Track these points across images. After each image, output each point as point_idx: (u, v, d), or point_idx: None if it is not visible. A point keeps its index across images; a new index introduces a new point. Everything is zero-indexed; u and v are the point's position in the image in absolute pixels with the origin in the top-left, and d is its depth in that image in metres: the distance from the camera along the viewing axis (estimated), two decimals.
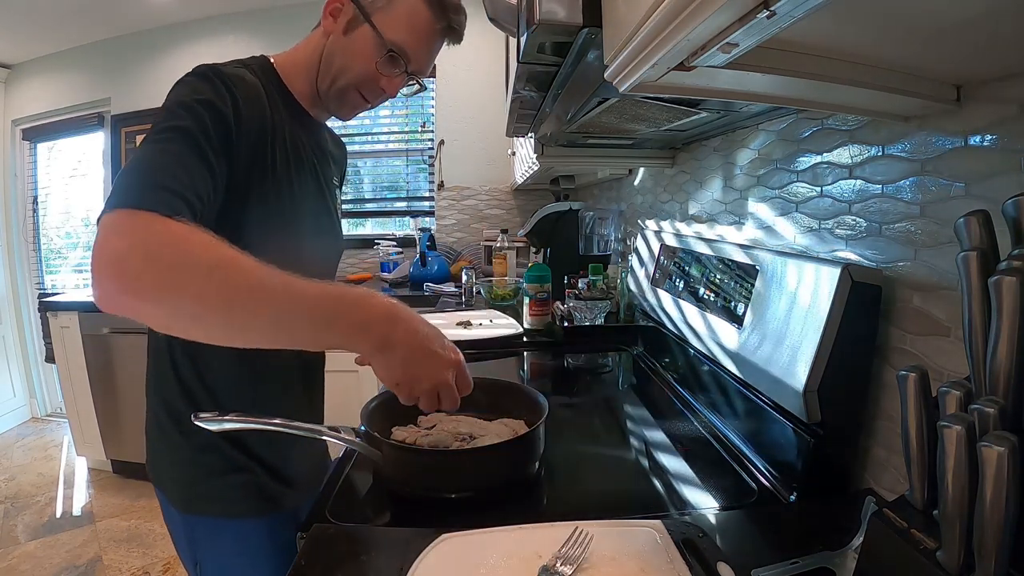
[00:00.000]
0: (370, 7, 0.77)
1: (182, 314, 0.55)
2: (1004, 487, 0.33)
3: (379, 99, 0.84)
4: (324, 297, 0.58)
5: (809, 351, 0.67)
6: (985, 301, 0.37)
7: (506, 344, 1.53)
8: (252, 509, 0.81)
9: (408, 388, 0.63)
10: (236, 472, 0.80)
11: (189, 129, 0.63)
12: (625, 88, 0.54)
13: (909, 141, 0.66)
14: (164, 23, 3.19)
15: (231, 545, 0.81)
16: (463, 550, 0.56)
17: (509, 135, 1.56)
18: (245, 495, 0.80)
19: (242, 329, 0.57)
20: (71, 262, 3.76)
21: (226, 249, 0.56)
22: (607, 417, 1.12)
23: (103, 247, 0.53)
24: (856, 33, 0.46)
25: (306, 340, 0.62)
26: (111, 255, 0.53)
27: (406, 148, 3.25)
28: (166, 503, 0.82)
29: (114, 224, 0.55)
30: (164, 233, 0.55)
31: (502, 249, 2.40)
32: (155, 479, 0.84)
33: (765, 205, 1.00)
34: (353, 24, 0.78)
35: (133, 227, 0.55)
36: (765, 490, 0.74)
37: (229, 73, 0.71)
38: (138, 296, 0.53)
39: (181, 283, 0.53)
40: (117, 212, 0.55)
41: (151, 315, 0.56)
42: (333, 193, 0.93)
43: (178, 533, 0.83)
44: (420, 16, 0.78)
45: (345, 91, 0.81)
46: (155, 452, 0.83)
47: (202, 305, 0.55)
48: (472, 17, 0.85)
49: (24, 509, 2.50)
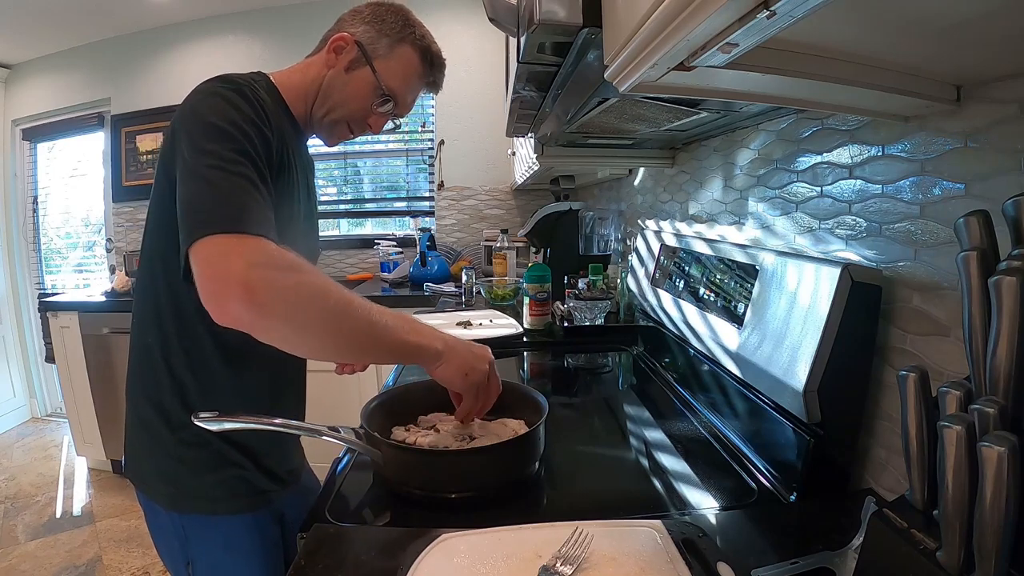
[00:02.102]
0: (373, 52, 0.84)
1: (297, 341, 0.65)
2: (1004, 487, 0.33)
3: (363, 133, 0.92)
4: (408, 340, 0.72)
5: (809, 351, 0.67)
6: (985, 301, 0.37)
7: (506, 344, 1.53)
8: (243, 505, 0.81)
9: (463, 382, 0.76)
10: (226, 467, 0.80)
11: (249, 153, 0.67)
12: (625, 88, 0.54)
13: (909, 141, 0.66)
14: (164, 23, 3.19)
15: (222, 542, 0.81)
16: (463, 550, 0.56)
17: (509, 135, 1.56)
18: (235, 491, 0.80)
19: (343, 357, 0.75)
20: (71, 262, 3.76)
21: (340, 290, 0.66)
22: (607, 417, 1.12)
23: (226, 270, 0.59)
24: (856, 33, 0.46)
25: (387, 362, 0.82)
26: (238, 278, 0.58)
27: (406, 148, 3.25)
28: (152, 507, 0.82)
29: (228, 246, 0.60)
30: (281, 260, 0.62)
31: (502, 249, 2.40)
32: (140, 483, 0.83)
33: (765, 205, 1.00)
34: (355, 65, 0.84)
35: (251, 249, 0.60)
36: (765, 490, 0.74)
37: (257, 90, 0.74)
38: (264, 319, 0.61)
39: (307, 322, 0.63)
40: (225, 236, 0.60)
41: (267, 336, 0.63)
42: (316, 198, 0.99)
43: (166, 536, 0.82)
44: (414, 68, 0.87)
45: (336, 123, 0.88)
46: (140, 453, 0.82)
47: (323, 341, 0.66)
48: (472, 17, 0.86)
49: (24, 509, 2.50)
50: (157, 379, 0.79)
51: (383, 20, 0.85)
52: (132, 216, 3.36)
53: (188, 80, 3.02)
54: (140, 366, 0.81)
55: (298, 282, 0.62)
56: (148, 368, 0.79)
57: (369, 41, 0.84)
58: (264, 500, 0.83)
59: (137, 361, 0.82)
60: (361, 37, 0.84)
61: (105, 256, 3.47)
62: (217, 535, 0.81)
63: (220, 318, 0.60)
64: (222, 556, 0.81)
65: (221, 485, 0.80)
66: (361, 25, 0.85)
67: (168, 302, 0.77)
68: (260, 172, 0.68)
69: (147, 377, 0.80)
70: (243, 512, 0.81)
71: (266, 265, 0.60)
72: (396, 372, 1.30)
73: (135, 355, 0.82)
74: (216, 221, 0.61)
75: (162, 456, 0.79)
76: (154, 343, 0.78)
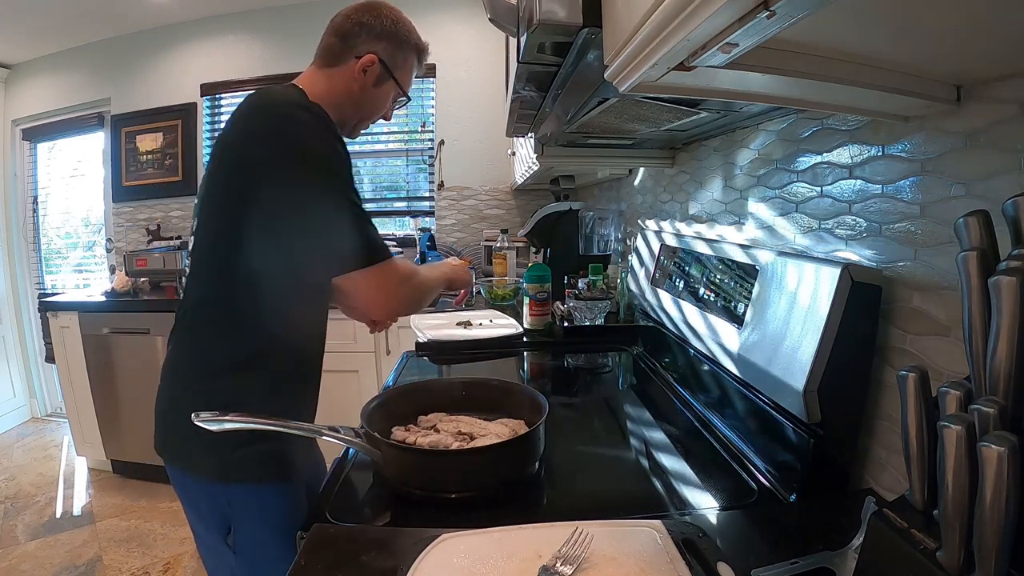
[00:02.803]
0: (392, 66, 0.97)
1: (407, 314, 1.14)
2: (1004, 487, 0.33)
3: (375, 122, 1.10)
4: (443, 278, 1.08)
5: (809, 351, 0.67)
6: (985, 301, 0.37)
7: (506, 344, 1.54)
8: (279, 474, 0.87)
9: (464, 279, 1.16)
10: (261, 441, 0.83)
11: (352, 181, 0.85)
12: (625, 88, 0.54)
13: (909, 141, 0.66)
14: (164, 23, 3.19)
15: (260, 506, 0.86)
16: (463, 550, 0.56)
17: (509, 135, 1.56)
18: (271, 461, 0.85)
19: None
20: (71, 262, 3.76)
21: (423, 276, 0.99)
22: (607, 417, 1.12)
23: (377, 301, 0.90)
24: (856, 33, 0.46)
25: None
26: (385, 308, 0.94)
27: (406, 148, 3.25)
28: (192, 481, 0.86)
29: (375, 281, 0.87)
30: (402, 274, 0.92)
31: (502, 249, 2.40)
32: (181, 460, 0.87)
33: (765, 205, 1.00)
34: (381, 80, 0.96)
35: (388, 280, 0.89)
36: (765, 490, 0.74)
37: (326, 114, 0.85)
38: (397, 318, 1.04)
39: (415, 308, 1.02)
40: (385, 265, 0.87)
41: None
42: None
43: (207, 506, 0.87)
44: (413, 65, 1.02)
45: (362, 124, 1.03)
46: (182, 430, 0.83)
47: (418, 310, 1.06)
48: (472, 17, 0.87)
49: (24, 509, 2.50)
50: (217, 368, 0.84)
51: (395, 34, 0.95)
52: (132, 216, 3.36)
53: (188, 80, 3.04)
54: (195, 355, 0.87)
55: (412, 287, 0.95)
56: (208, 358, 0.85)
57: (389, 57, 0.95)
58: (294, 470, 0.89)
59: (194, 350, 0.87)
60: (383, 55, 0.94)
61: (105, 256, 3.47)
62: (257, 501, 0.85)
63: (372, 328, 1.06)
64: (260, 521, 0.86)
65: (259, 455, 0.84)
66: (381, 42, 0.94)
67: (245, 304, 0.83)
68: (359, 194, 0.86)
69: (203, 366, 0.85)
70: (282, 480, 0.87)
71: (397, 287, 0.90)
72: (396, 372, 1.30)
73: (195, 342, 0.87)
74: (360, 258, 0.84)
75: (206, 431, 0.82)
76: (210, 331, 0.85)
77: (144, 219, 3.33)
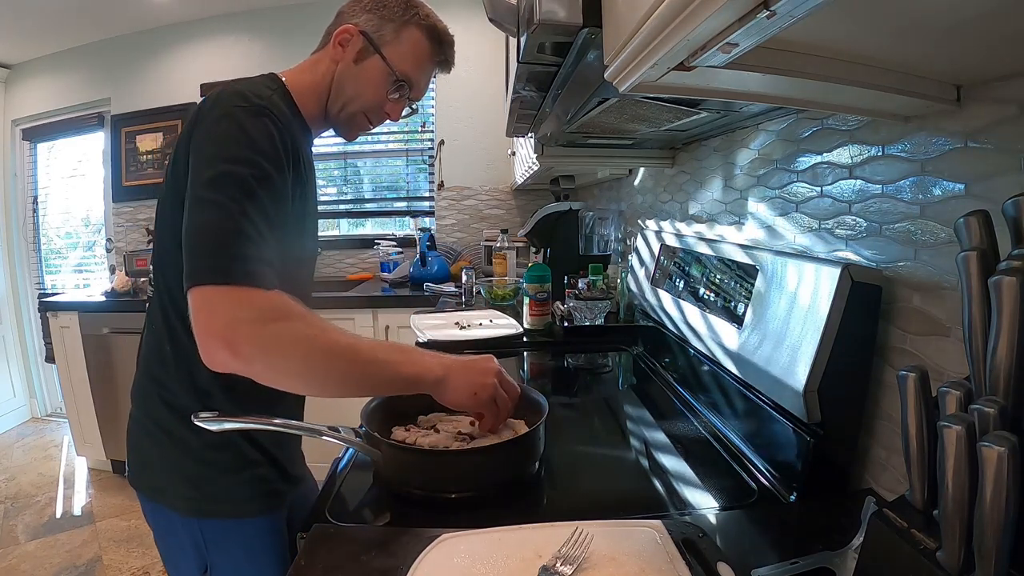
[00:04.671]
0: (379, 40, 0.83)
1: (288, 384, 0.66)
2: (1004, 487, 0.33)
3: (382, 122, 0.91)
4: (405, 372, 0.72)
5: (809, 351, 0.67)
6: (985, 301, 0.37)
7: (506, 344, 1.53)
8: (263, 507, 0.81)
9: (474, 401, 0.76)
10: (248, 468, 0.79)
11: (254, 191, 0.67)
12: (625, 88, 0.54)
13: (909, 141, 0.66)
14: (164, 23, 3.19)
15: (243, 544, 0.81)
16: (463, 550, 0.56)
17: (509, 135, 1.56)
18: (256, 492, 0.80)
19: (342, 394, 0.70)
20: (71, 262, 3.76)
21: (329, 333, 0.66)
22: (607, 417, 1.12)
23: (211, 326, 0.62)
24: (856, 33, 0.46)
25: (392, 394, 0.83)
26: (221, 334, 0.61)
27: (406, 148, 3.25)
28: (164, 515, 0.80)
29: (214, 300, 0.62)
30: (267, 310, 0.63)
31: (502, 249, 2.40)
32: (152, 491, 0.81)
33: (765, 205, 1.00)
34: (363, 55, 0.83)
35: (234, 303, 0.62)
36: (765, 490, 0.74)
37: (273, 107, 0.73)
38: (249, 368, 0.63)
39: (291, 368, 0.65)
40: (213, 288, 0.62)
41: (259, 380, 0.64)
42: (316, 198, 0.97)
43: (180, 544, 0.80)
44: (423, 49, 0.86)
45: (354, 116, 0.87)
46: (154, 461, 0.80)
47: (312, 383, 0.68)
48: (472, 17, 0.86)
49: (24, 509, 2.50)
50: (179, 382, 0.77)
51: (384, 5, 0.83)
52: (132, 216, 3.36)
53: (188, 80, 3.04)
54: (154, 370, 0.80)
55: (279, 332, 0.63)
56: (165, 372, 0.78)
57: (374, 29, 0.83)
58: (280, 501, 0.84)
59: (152, 365, 0.80)
60: (365, 26, 0.83)
61: (105, 256, 3.47)
62: (238, 538, 0.80)
63: (210, 365, 0.63)
64: (242, 560, 0.80)
65: (243, 486, 0.79)
66: (363, 14, 0.83)
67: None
68: (262, 209, 0.67)
69: (163, 381, 0.78)
70: (263, 514, 0.81)
71: (248, 320, 0.62)
72: None
73: (150, 358, 0.81)
74: (208, 272, 0.63)
75: (184, 461, 0.78)
76: (170, 351, 0.77)
77: (144, 219, 3.32)
